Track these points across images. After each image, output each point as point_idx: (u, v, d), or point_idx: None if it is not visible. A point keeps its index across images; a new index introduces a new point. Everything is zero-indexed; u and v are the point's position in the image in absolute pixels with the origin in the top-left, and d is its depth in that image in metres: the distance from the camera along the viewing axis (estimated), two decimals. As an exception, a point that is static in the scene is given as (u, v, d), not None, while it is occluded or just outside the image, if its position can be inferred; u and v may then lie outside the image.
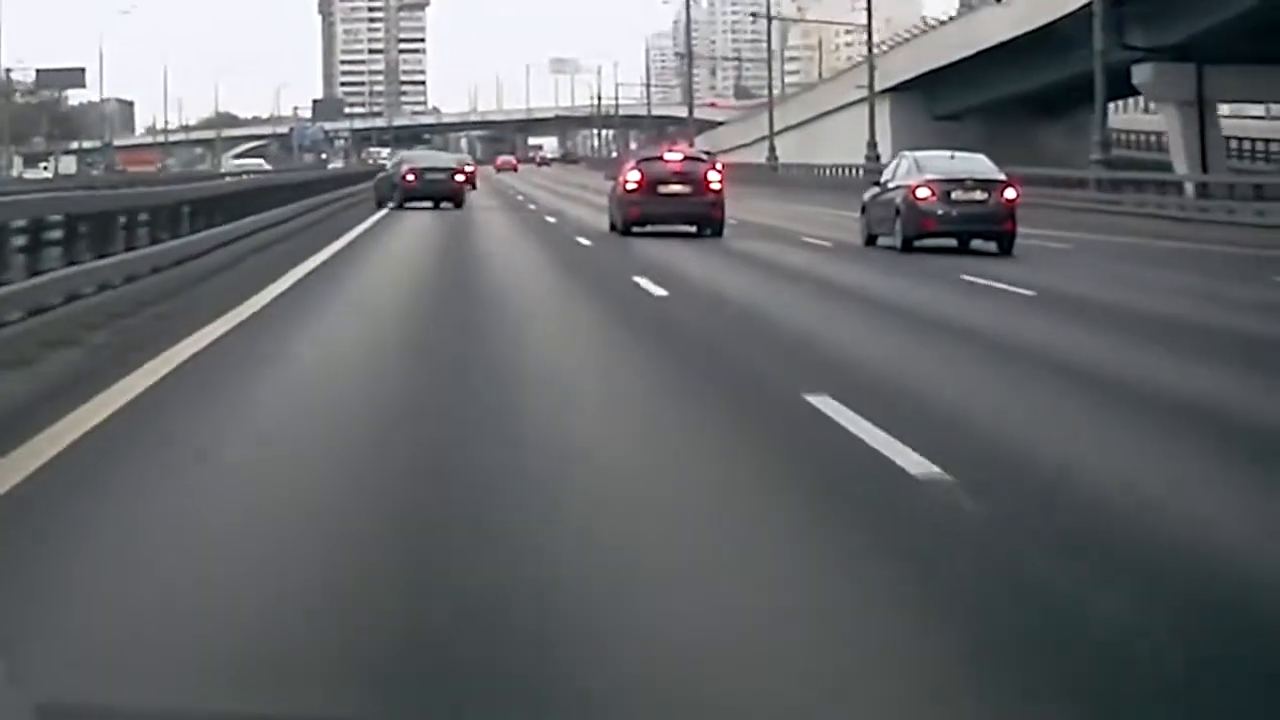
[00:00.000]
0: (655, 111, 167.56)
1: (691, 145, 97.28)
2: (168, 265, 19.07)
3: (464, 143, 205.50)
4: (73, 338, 13.06)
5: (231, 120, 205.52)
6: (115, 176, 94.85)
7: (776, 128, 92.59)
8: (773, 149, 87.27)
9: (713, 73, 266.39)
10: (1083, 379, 11.71)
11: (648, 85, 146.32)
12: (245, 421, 9.42)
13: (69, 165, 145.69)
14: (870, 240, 29.38)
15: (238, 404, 10.14)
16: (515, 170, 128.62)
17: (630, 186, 31.90)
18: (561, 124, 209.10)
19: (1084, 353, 13.33)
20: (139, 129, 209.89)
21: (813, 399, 9.77)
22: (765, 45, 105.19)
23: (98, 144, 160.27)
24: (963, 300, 19.00)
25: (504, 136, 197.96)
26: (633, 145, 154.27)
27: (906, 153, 30.08)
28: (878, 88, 74.83)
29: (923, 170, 27.81)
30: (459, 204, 47.66)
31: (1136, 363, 12.90)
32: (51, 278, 14.20)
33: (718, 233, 31.75)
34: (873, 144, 69.32)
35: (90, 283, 15.35)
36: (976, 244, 28.17)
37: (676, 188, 31.68)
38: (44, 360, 11.79)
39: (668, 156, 33.99)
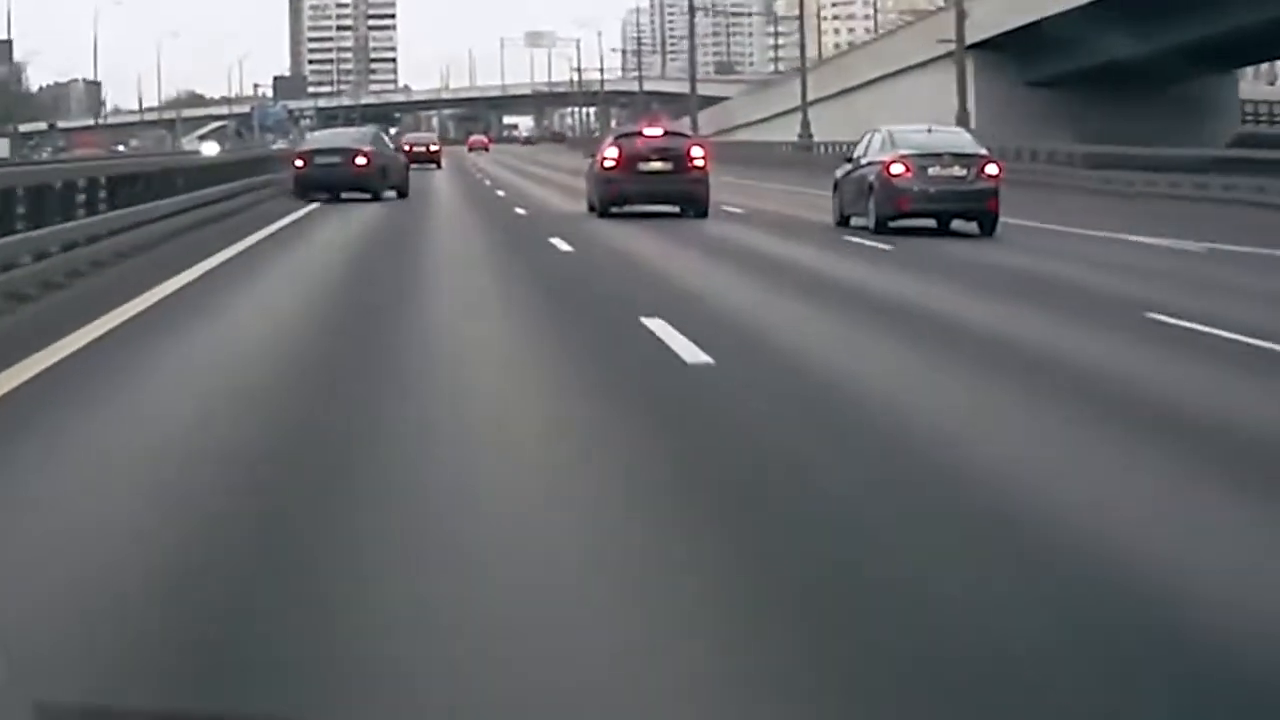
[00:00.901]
0: (646, 87, 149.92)
1: (695, 125, 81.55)
2: None
3: (435, 122, 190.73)
4: None
5: (199, 100, 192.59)
6: (42, 160, 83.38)
7: (822, 93, 74.53)
8: (806, 124, 68.65)
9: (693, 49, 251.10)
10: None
11: (638, 54, 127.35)
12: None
13: (2, 149, 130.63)
14: (843, 221, 27.00)
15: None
16: (487, 149, 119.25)
17: (609, 164, 29.68)
18: (538, 101, 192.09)
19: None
20: (107, 109, 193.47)
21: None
22: (749, 20, 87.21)
23: (42, 126, 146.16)
24: None
25: (477, 115, 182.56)
26: (613, 123, 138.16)
27: (881, 127, 27.84)
28: (953, 46, 56.63)
29: (897, 145, 25.73)
30: (374, 194, 36.98)
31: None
32: None
33: (702, 214, 29.32)
34: (964, 116, 51.12)
35: None
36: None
37: (658, 165, 29.49)
38: None
39: (648, 132, 31.51)
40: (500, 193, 43.60)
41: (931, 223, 25.53)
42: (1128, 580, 5.60)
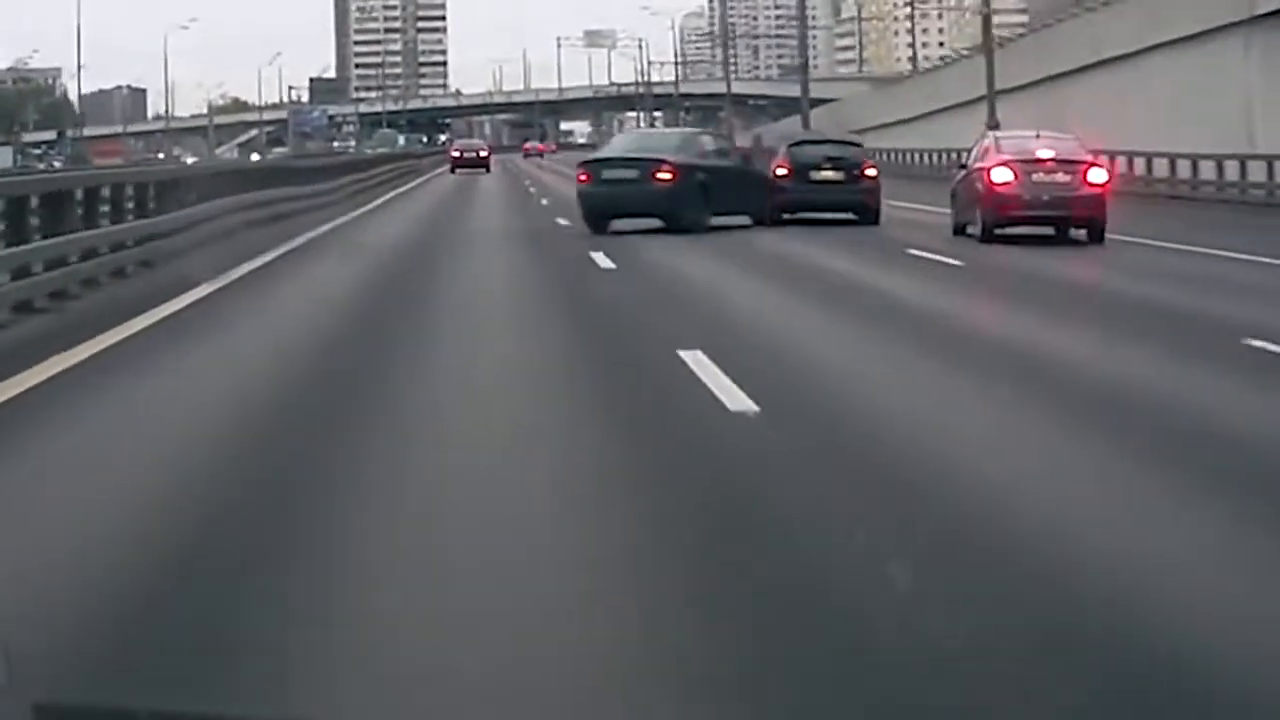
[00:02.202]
0: (706, 90, 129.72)
1: (806, 128, 62.28)
2: None
3: (488, 128, 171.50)
4: None
5: (242, 106, 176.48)
6: (45, 169, 67.62)
7: (968, 95, 53.97)
8: (994, 124, 47.85)
9: (755, 52, 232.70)
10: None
11: (725, 50, 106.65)
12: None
13: (4, 158, 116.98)
14: (959, 229, 25.35)
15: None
16: (542, 155, 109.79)
17: (781, 172, 28.46)
18: (597, 105, 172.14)
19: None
20: (149, 117, 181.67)
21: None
22: (813, 20, 67.88)
23: (53, 135, 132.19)
24: None
25: (532, 120, 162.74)
26: (659, 128, 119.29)
27: (990, 133, 27.91)
28: (1253, 9, 36.32)
29: (1003, 151, 24.55)
30: (689, 226, 25.02)
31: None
32: None
33: (873, 220, 27.96)
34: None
35: None
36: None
37: (830, 174, 28.36)
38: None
39: (818, 139, 32.61)
40: (606, 264, 21.89)
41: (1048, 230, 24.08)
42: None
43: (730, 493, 6.76)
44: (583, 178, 27.13)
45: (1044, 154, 24.31)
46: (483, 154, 73.59)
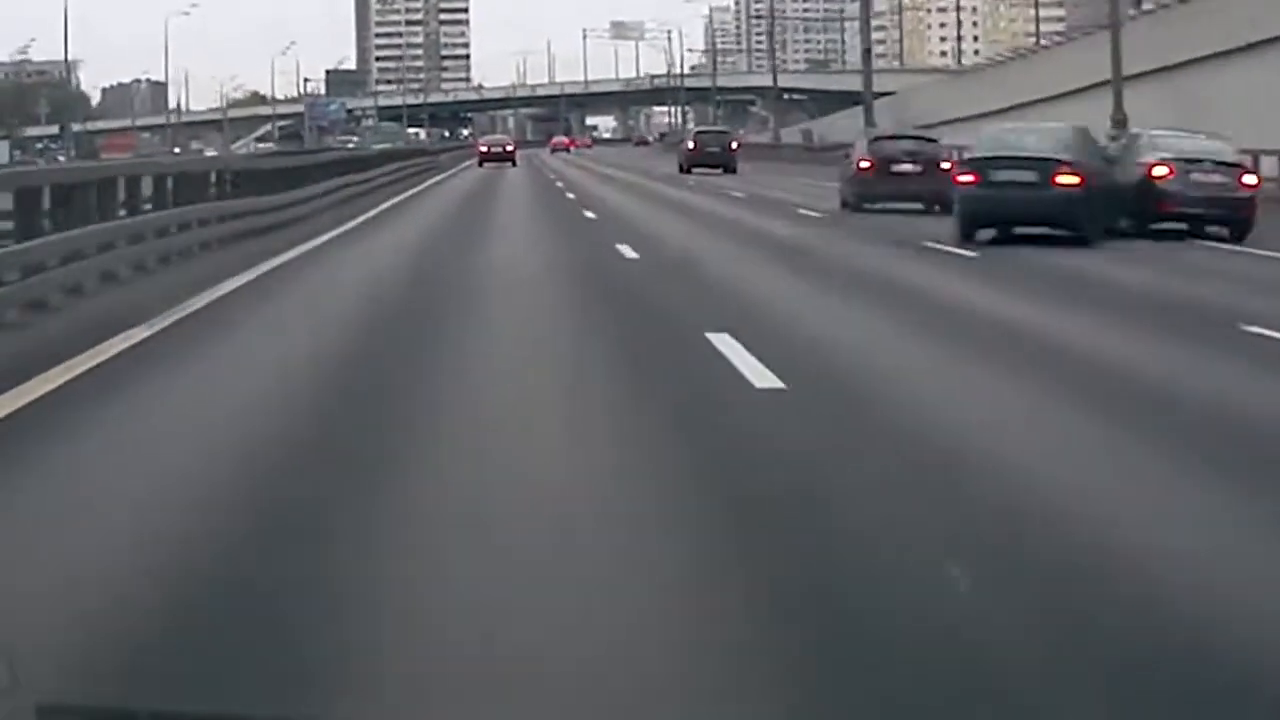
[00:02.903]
0: (746, 82, 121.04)
1: (870, 119, 53.97)
2: None
3: (511, 123, 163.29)
4: None
5: (261, 100, 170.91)
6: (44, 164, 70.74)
7: (1072, 85, 45.17)
8: (1122, 120, 38.76)
9: (782, 46, 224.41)
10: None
11: (769, 41, 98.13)
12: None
13: (1, 154, 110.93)
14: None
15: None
16: (568, 150, 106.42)
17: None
18: (624, 99, 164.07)
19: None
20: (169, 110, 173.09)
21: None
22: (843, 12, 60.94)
23: (57, 129, 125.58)
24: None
25: (556, 115, 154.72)
26: (690, 124, 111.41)
27: (1142, 131, 26.90)
28: None
29: (1159, 149, 24.73)
30: (1084, 234, 22.56)
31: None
32: None
33: (948, 209, 26.65)
34: None
35: None
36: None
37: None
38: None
39: (897, 135, 34.19)
40: (760, 377, 13.20)
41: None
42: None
43: None
44: (969, 178, 24.21)
45: (1201, 154, 24.60)
46: (509, 148, 76.44)
